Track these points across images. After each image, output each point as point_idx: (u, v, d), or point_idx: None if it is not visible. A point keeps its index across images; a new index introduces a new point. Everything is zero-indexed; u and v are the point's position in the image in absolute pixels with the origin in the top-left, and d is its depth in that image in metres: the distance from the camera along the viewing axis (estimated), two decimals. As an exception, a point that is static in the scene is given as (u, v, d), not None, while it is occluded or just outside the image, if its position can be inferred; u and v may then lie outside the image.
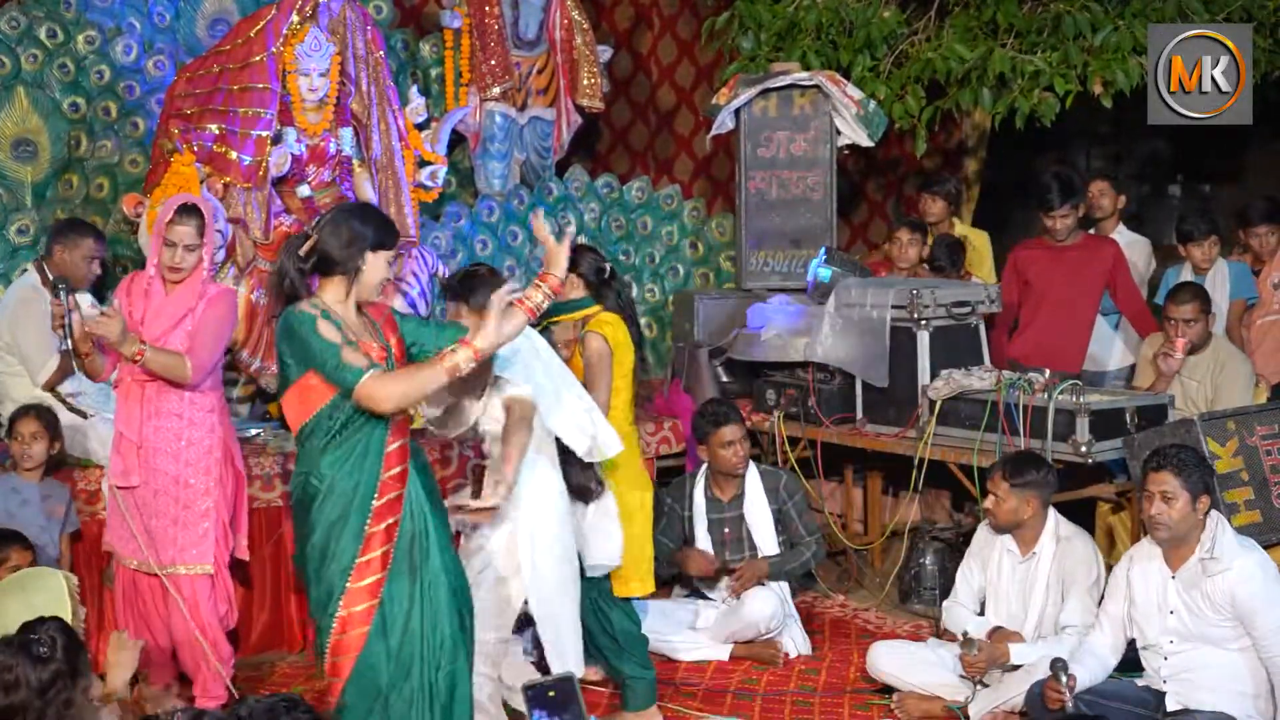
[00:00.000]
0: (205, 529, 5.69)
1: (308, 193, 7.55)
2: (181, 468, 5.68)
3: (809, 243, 8.26)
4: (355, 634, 4.50)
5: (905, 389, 7.01)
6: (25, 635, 4.00)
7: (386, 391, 4.41)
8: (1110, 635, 5.38)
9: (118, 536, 5.73)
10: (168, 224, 5.58)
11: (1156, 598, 5.26)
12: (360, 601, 4.49)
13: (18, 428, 6.04)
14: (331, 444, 4.49)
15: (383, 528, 4.53)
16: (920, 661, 5.89)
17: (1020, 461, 5.83)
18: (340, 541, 4.49)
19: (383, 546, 4.52)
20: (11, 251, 7.38)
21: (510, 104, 8.87)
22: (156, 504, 5.65)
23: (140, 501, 5.65)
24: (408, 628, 4.55)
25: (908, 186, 10.61)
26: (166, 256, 5.59)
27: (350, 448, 4.50)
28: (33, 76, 7.68)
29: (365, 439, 4.52)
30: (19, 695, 3.88)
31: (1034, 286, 7.58)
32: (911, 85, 8.73)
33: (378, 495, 4.53)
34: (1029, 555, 5.79)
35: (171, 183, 7.06)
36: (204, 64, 7.44)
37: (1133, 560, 5.38)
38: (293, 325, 4.47)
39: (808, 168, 8.35)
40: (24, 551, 5.52)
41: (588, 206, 9.04)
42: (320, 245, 4.54)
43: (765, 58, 8.82)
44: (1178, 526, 5.14)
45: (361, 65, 7.66)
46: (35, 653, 3.93)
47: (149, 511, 5.65)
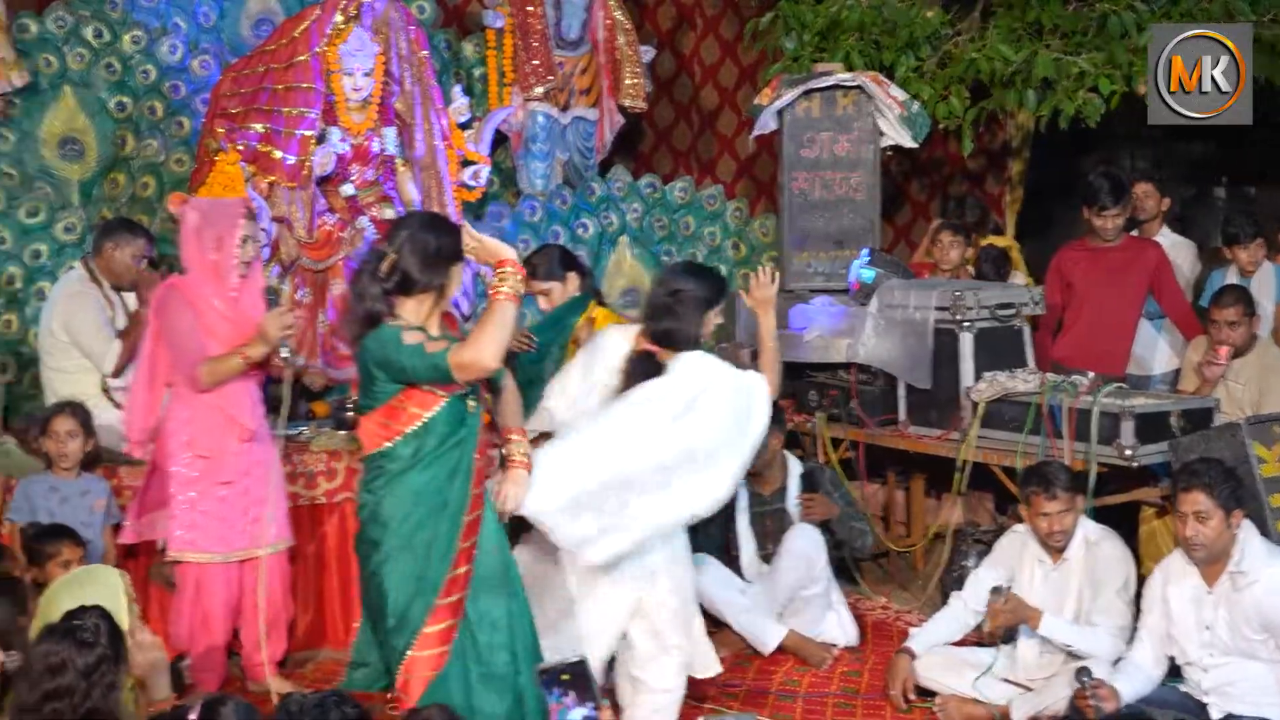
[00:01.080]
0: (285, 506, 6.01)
1: (351, 192, 7.59)
2: (270, 449, 5.92)
3: (852, 244, 8.24)
4: (433, 653, 4.48)
5: (948, 391, 6.99)
6: (70, 622, 4.09)
7: (478, 349, 4.34)
8: (1152, 649, 5.36)
9: (202, 534, 5.79)
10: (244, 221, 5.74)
11: (1193, 615, 5.25)
12: (444, 619, 4.49)
13: (53, 426, 6.06)
14: (422, 464, 4.46)
15: (470, 544, 4.53)
16: (963, 665, 5.87)
17: (1056, 469, 5.76)
18: (430, 559, 4.47)
19: (467, 564, 4.53)
20: (58, 249, 7.44)
21: (553, 104, 8.89)
22: (260, 489, 5.83)
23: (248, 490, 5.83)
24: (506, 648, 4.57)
25: (952, 188, 10.57)
26: (246, 253, 5.74)
27: (443, 466, 4.48)
28: (80, 76, 7.75)
29: (457, 457, 4.50)
30: (65, 678, 3.97)
31: (1077, 289, 7.54)
32: (955, 86, 8.70)
33: (469, 510, 4.52)
34: (1060, 562, 5.76)
35: (216, 182, 7.12)
36: (249, 64, 7.49)
37: (1168, 576, 5.36)
38: (383, 341, 4.42)
39: (851, 168, 8.32)
40: (75, 547, 5.58)
41: (630, 206, 9.05)
42: (401, 264, 4.48)
43: (808, 58, 8.80)
44: (1214, 545, 5.14)
45: (405, 65, 7.70)
46: (80, 638, 4.03)
47: (252, 499, 5.83)
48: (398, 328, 4.43)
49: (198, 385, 5.64)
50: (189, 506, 5.77)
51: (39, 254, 7.42)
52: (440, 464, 4.47)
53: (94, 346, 6.49)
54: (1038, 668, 5.74)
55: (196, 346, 5.65)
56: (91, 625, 4.08)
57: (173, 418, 5.78)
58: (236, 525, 5.81)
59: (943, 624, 6.02)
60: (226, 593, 5.88)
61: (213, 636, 5.88)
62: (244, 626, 6.02)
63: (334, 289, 7.40)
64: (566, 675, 4.04)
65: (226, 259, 5.69)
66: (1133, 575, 5.69)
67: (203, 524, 5.77)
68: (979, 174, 10.57)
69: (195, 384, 5.65)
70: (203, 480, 5.75)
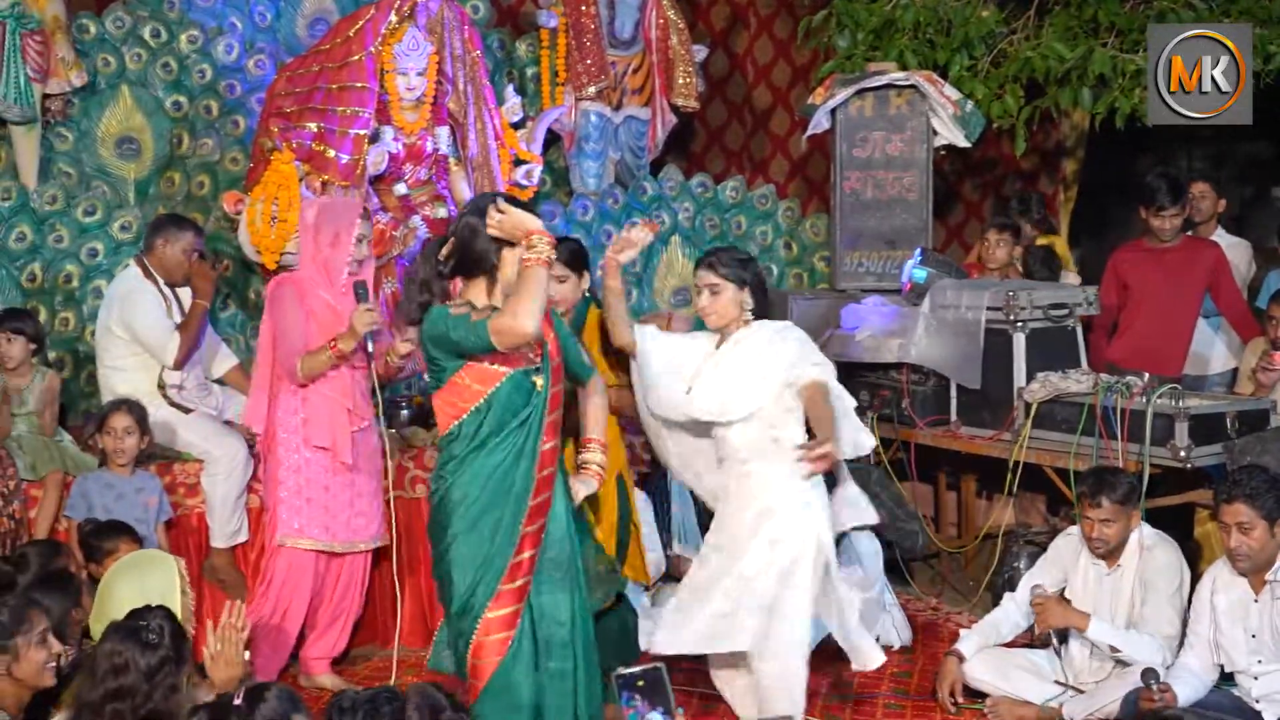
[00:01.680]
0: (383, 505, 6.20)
1: (404, 191, 7.63)
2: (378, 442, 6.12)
3: (904, 243, 8.22)
4: (498, 638, 4.50)
5: (1000, 391, 6.97)
6: (134, 622, 4.13)
7: (513, 314, 4.35)
8: (1202, 656, 5.35)
9: (308, 521, 5.99)
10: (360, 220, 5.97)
11: (1240, 622, 5.22)
12: (508, 604, 4.50)
13: (111, 422, 6.15)
14: (486, 446, 4.49)
15: (535, 529, 4.54)
16: (1013, 667, 5.86)
17: (1113, 479, 5.70)
18: (495, 543, 4.50)
19: (532, 549, 4.54)
20: (115, 248, 7.51)
21: (605, 103, 8.90)
22: (364, 482, 6.04)
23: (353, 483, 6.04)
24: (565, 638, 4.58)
25: (1005, 188, 10.52)
26: (360, 251, 5.96)
27: (508, 449, 4.50)
28: (137, 75, 7.82)
29: (521, 440, 4.51)
30: (128, 679, 4.02)
31: (1133, 289, 7.50)
32: (1010, 85, 8.66)
33: (534, 494, 4.54)
34: (1115, 567, 5.72)
35: (271, 180, 7.17)
36: (303, 63, 7.54)
37: (1215, 584, 5.34)
38: (433, 319, 4.47)
39: (904, 168, 8.31)
40: (132, 543, 5.65)
41: (682, 206, 9.05)
42: (459, 247, 4.53)
43: (862, 57, 8.78)
44: (1258, 555, 5.13)
45: (459, 64, 7.73)
46: (144, 639, 4.08)
47: (357, 491, 6.04)
48: (445, 306, 4.49)
49: (295, 379, 5.88)
50: (296, 492, 5.95)
51: (96, 252, 7.49)
52: (505, 446, 4.49)
53: (154, 339, 6.56)
54: (1089, 671, 5.72)
55: (299, 341, 5.88)
56: (156, 626, 4.12)
57: (282, 405, 5.93)
58: (340, 517, 5.99)
59: (994, 625, 6.00)
60: (313, 583, 6.00)
61: (286, 624, 5.98)
62: (312, 622, 6.12)
63: (386, 288, 7.43)
64: (642, 681, 4.06)
65: (340, 255, 5.92)
66: (1185, 582, 5.65)
67: (309, 511, 5.92)
68: (1033, 173, 10.51)
69: (293, 377, 5.88)
70: (311, 467, 5.91)
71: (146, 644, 4.08)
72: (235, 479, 6.37)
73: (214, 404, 6.77)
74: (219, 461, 6.40)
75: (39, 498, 6.16)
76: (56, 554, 5.32)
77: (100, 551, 5.61)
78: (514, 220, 4.49)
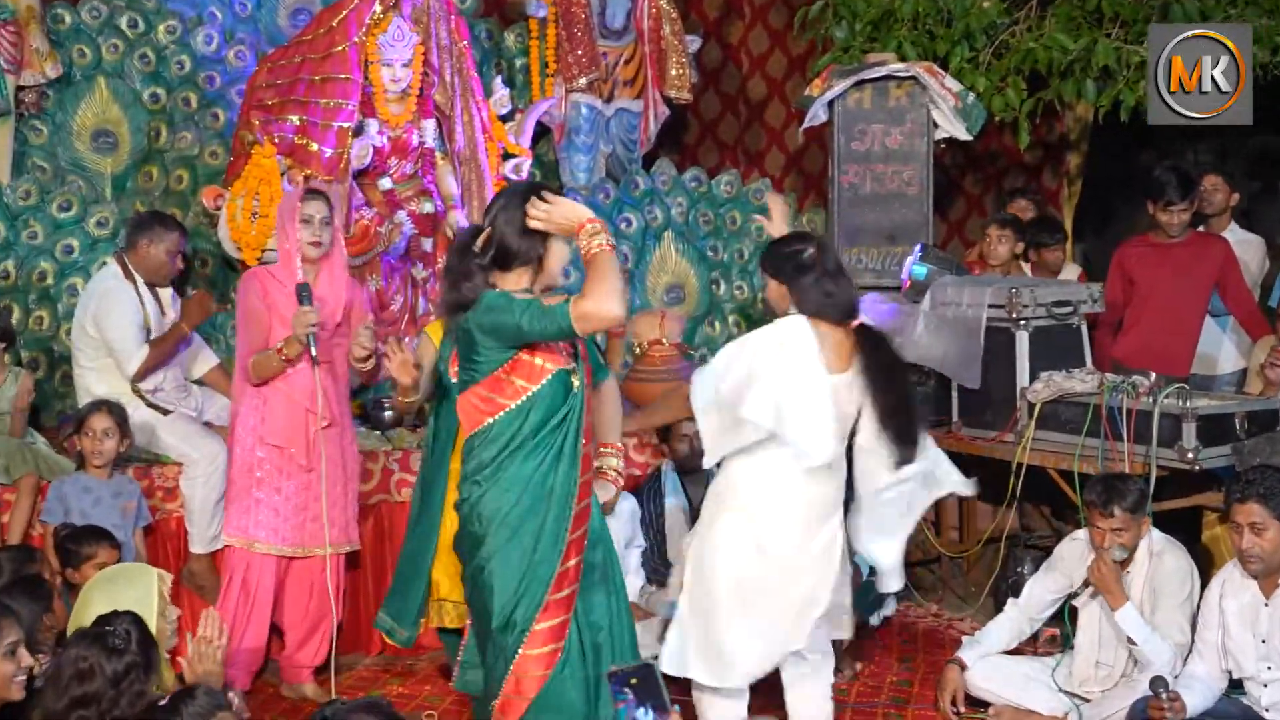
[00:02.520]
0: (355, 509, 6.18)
1: (389, 185, 7.59)
2: (346, 447, 6.07)
3: (904, 239, 8.18)
4: (545, 651, 4.40)
5: (1003, 391, 6.94)
6: (101, 628, 4.10)
7: (597, 298, 4.21)
8: (1211, 663, 5.33)
9: (255, 522, 5.93)
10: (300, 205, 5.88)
11: (1250, 627, 5.20)
12: (556, 615, 4.40)
13: (90, 423, 6.10)
14: (524, 448, 4.37)
15: (579, 534, 4.46)
16: (1017, 676, 5.83)
17: (1123, 486, 5.65)
18: (538, 551, 4.39)
19: (577, 556, 4.46)
20: (91, 244, 7.47)
21: (596, 95, 8.87)
22: (327, 485, 5.93)
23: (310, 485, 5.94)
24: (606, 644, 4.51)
25: (1007, 181, 10.50)
26: (313, 231, 5.88)
27: (545, 451, 4.39)
28: (113, 67, 7.80)
29: (560, 441, 4.41)
30: (93, 685, 4.00)
31: (1139, 286, 7.48)
32: (1012, 77, 8.63)
33: (577, 499, 4.44)
34: (1123, 573, 5.70)
35: (252, 175, 7.14)
36: (285, 54, 7.50)
37: (1225, 588, 5.32)
38: (491, 305, 4.32)
39: (903, 162, 8.27)
40: (112, 550, 5.61)
41: (675, 200, 9.01)
42: (496, 237, 4.41)
43: (859, 48, 8.75)
44: (1271, 558, 5.10)
45: (445, 55, 7.69)
46: (110, 644, 4.06)
47: (313, 494, 5.94)
48: (504, 291, 4.37)
49: (249, 378, 5.85)
50: (246, 491, 5.92)
51: (71, 249, 7.45)
52: (542, 448, 4.39)
53: (121, 347, 6.53)
54: (1095, 680, 5.70)
55: (258, 337, 5.85)
56: (122, 631, 4.10)
57: (246, 400, 5.90)
58: (293, 519, 5.92)
59: (997, 632, 5.97)
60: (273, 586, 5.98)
61: (251, 628, 5.93)
62: (290, 628, 6.08)
63: (370, 285, 7.40)
64: (635, 679, 4.03)
65: (293, 246, 5.87)
66: (1195, 589, 5.61)
67: (257, 512, 5.89)
68: (1036, 167, 10.49)
69: (246, 375, 5.86)
70: (264, 466, 5.89)
71: (113, 649, 4.07)
72: (215, 482, 6.33)
73: (193, 405, 6.75)
74: (198, 464, 6.37)
75: (11, 502, 6.12)
76: (29, 560, 5.28)
77: (78, 557, 5.56)
78: (564, 210, 4.39)
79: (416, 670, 6.51)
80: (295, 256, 5.87)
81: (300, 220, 5.87)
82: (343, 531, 6.10)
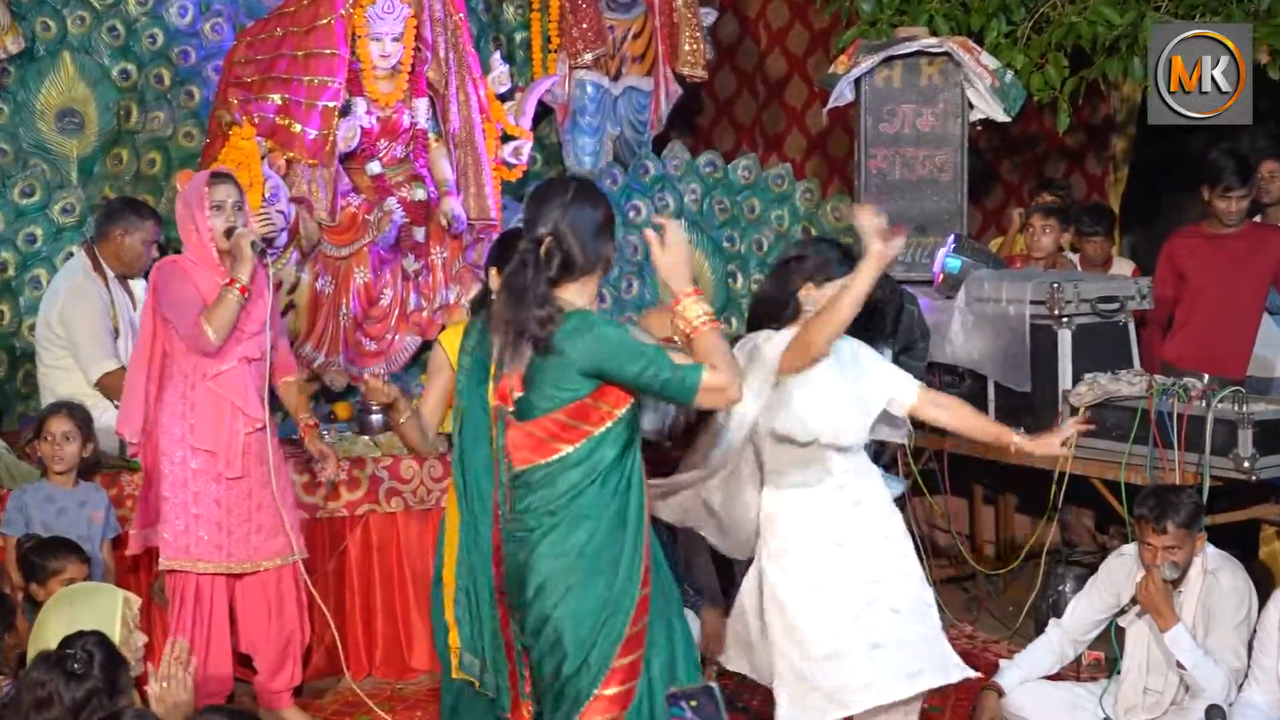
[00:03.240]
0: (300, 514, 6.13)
1: (378, 170, 7.57)
2: (277, 450, 6.00)
3: (936, 229, 8.18)
4: (622, 690, 4.34)
5: (1044, 395, 6.93)
6: (62, 651, 4.10)
7: (729, 376, 4.20)
8: (1269, 690, 5.30)
9: (196, 540, 5.84)
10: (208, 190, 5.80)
11: None
12: (633, 650, 4.35)
13: (49, 426, 6.08)
14: (603, 475, 4.28)
15: (649, 560, 4.41)
16: (1059, 702, 5.81)
17: (1176, 499, 5.59)
18: (618, 583, 4.32)
19: (647, 586, 4.40)
20: (56, 232, 7.48)
21: (603, 72, 8.88)
22: (264, 493, 5.91)
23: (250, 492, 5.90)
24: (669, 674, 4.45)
25: (1047, 168, 10.49)
26: (227, 219, 5.80)
27: (619, 476, 4.33)
28: (79, 41, 7.80)
29: (630, 463, 4.36)
30: (52, 713, 3.98)
31: (1192, 281, 7.47)
32: (1053, 53, 8.62)
33: (646, 526, 4.39)
34: (1175, 592, 5.68)
35: (229, 158, 7.11)
36: (266, 27, 7.48)
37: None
38: (603, 339, 4.20)
39: (936, 145, 8.27)
40: (81, 564, 5.60)
41: (688, 187, 9.01)
42: (562, 245, 4.28)
43: (887, 22, 8.75)
44: None
45: (439, 29, 7.68)
46: (69, 669, 4.04)
47: (255, 503, 5.90)
48: (613, 322, 4.30)
49: (208, 343, 5.70)
50: (183, 508, 5.81)
51: (34, 238, 7.46)
52: (618, 473, 4.32)
53: (86, 351, 6.54)
54: (1143, 707, 5.68)
55: (199, 306, 5.74)
56: (83, 655, 4.09)
57: (167, 408, 5.82)
58: (236, 532, 5.85)
59: (1037, 656, 5.96)
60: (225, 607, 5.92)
61: (211, 656, 5.89)
62: (256, 651, 6.06)
63: (357, 278, 7.40)
64: (695, 701, 4.03)
65: (205, 236, 5.78)
66: (1253, 610, 5.59)
67: (197, 529, 5.80)
68: (1078, 152, 10.47)
69: (204, 342, 5.70)
70: (200, 478, 5.79)
71: (72, 674, 4.06)
72: (189, 491, 6.31)
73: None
74: (171, 471, 6.35)
75: (-32, 511, 6.13)
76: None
77: (44, 571, 5.56)
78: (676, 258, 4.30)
79: (406, 694, 6.51)
80: (210, 246, 5.80)
81: (210, 206, 5.79)
82: (289, 539, 6.02)
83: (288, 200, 7.09)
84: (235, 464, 5.82)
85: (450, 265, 7.69)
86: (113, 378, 6.53)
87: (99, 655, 4.12)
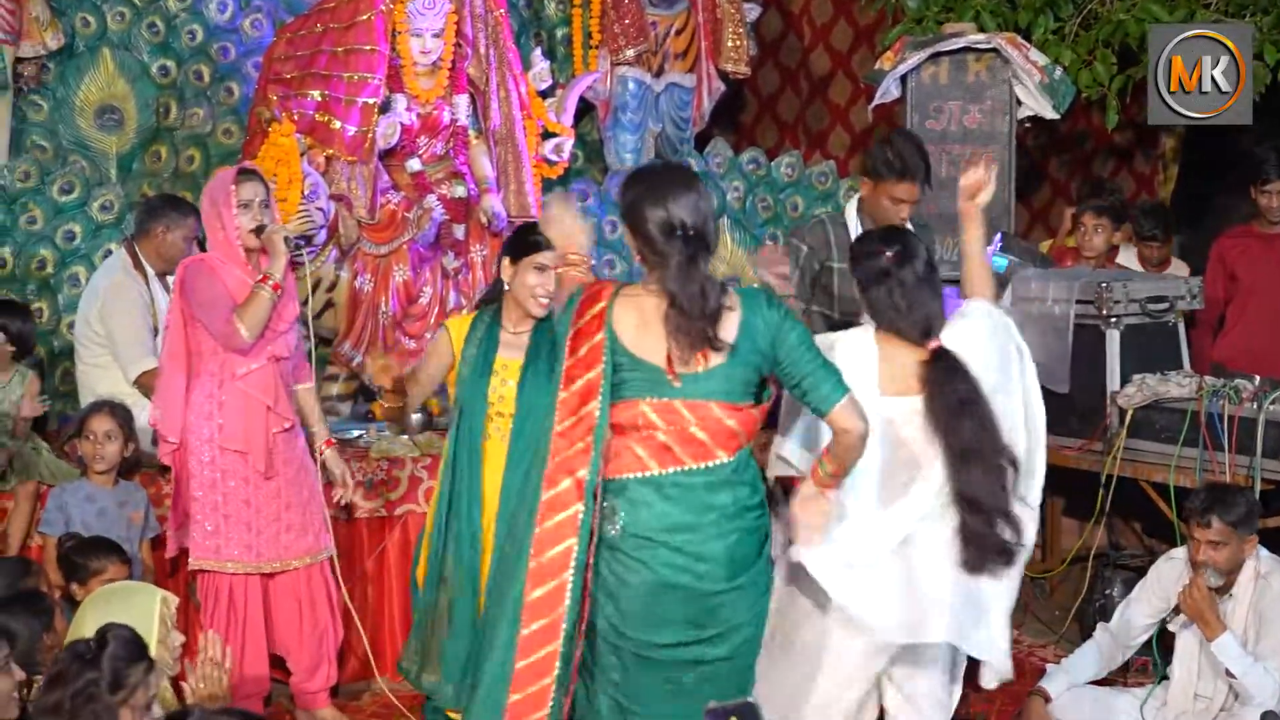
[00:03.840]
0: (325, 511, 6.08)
1: (418, 167, 7.58)
2: (304, 449, 6.03)
3: (982, 228, 8.16)
4: None
5: (1091, 396, 6.91)
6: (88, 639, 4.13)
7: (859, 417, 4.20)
8: None
9: (226, 540, 5.84)
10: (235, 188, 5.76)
11: None
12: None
13: (90, 425, 6.08)
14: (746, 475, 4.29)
15: None
16: (1106, 709, 5.79)
17: (1230, 498, 5.57)
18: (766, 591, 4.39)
19: None
20: (95, 230, 7.50)
21: (645, 69, 8.87)
22: (292, 492, 5.91)
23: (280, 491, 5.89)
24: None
25: (1096, 165, 10.45)
26: (254, 216, 5.77)
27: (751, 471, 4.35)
28: (119, 37, 7.83)
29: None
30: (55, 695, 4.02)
31: (1242, 281, 7.46)
32: (1100, 50, 8.60)
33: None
34: (1226, 598, 5.64)
35: (269, 155, 7.13)
36: (306, 23, 7.51)
37: None
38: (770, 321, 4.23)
39: (983, 142, 8.24)
40: (122, 565, 5.59)
41: (730, 184, 9.01)
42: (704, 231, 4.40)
43: (933, 18, 8.74)
44: None
45: (480, 25, 7.69)
46: (78, 650, 4.06)
47: (284, 502, 5.89)
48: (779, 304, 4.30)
49: (241, 341, 5.68)
50: (213, 508, 5.82)
51: (73, 235, 7.48)
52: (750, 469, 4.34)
53: (126, 350, 6.55)
54: (1192, 714, 5.65)
55: (229, 304, 5.72)
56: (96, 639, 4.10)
57: (195, 408, 5.82)
58: (265, 532, 5.86)
59: (1084, 661, 5.93)
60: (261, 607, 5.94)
61: (246, 657, 5.90)
62: (289, 651, 6.06)
63: (397, 276, 7.40)
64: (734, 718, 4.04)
65: (231, 233, 5.76)
66: (1307, 616, 5.58)
67: (227, 529, 5.81)
68: (1127, 150, 10.44)
69: (237, 340, 5.68)
70: (229, 479, 5.80)
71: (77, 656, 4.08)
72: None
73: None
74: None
75: (8, 510, 6.14)
76: (26, 573, 5.28)
77: (85, 571, 5.55)
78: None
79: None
80: (236, 244, 5.77)
81: (238, 205, 5.77)
82: (318, 538, 6.03)
83: (327, 197, 7.11)
84: (262, 459, 5.81)
85: (490, 263, 7.68)
86: (152, 376, 6.54)
87: (112, 646, 4.11)
